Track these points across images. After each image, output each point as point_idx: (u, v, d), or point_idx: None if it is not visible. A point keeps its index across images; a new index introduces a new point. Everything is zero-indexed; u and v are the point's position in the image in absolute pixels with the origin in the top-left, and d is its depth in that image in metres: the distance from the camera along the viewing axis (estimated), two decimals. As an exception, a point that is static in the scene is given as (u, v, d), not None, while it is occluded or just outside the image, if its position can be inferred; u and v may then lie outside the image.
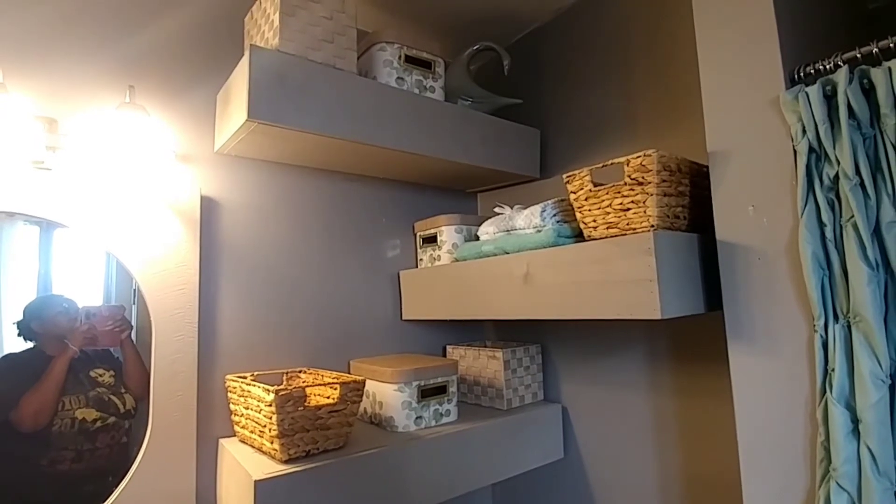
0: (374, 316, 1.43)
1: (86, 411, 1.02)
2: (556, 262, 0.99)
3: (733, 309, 0.84)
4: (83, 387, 1.04)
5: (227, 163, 1.22)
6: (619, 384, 1.26)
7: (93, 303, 1.08)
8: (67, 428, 1.00)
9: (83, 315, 1.05)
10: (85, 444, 1.01)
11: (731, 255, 0.84)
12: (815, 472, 0.75)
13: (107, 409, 1.04)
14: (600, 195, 0.95)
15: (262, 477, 0.89)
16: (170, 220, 1.10)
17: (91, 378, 1.05)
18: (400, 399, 1.15)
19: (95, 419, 1.02)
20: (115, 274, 1.10)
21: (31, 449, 0.98)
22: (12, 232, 1.03)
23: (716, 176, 0.87)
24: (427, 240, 1.46)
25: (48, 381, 0.99)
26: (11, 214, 0.99)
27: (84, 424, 1.01)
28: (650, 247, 0.83)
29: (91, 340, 1.05)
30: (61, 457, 0.99)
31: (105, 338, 1.07)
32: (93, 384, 1.05)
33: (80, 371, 1.04)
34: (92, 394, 1.04)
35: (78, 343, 1.03)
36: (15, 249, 1.03)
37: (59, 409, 1.00)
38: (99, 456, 1.01)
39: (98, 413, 1.03)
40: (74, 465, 1.00)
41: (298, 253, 1.31)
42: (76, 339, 1.04)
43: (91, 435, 1.02)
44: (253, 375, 1.15)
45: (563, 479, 1.38)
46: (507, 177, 1.49)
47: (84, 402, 1.02)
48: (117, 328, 1.08)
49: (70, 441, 1.00)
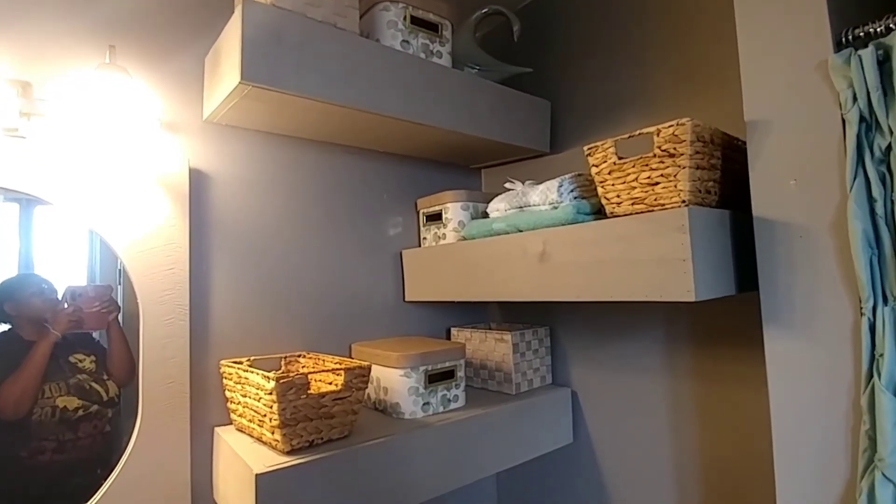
0: (375, 297, 1.36)
1: (67, 399, 0.96)
2: (577, 241, 0.93)
3: (770, 290, 0.78)
4: (63, 373, 0.97)
5: (217, 133, 1.13)
6: (632, 368, 1.22)
7: (76, 283, 1.00)
8: (48, 417, 0.93)
9: (68, 296, 0.98)
10: (66, 433, 0.95)
11: (770, 232, 0.79)
12: (857, 462, 0.70)
13: (89, 396, 0.97)
14: (626, 168, 0.88)
15: (263, 470, 0.83)
16: (156, 194, 1.01)
17: (71, 364, 0.98)
18: (406, 385, 1.09)
19: (77, 408, 0.96)
20: (100, 253, 1.02)
21: (10, 439, 0.92)
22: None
23: (754, 147, 0.81)
24: (431, 217, 1.39)
25: (29, 367, 0.93)
26: None
27: (65, 413, 0.95)
28: (684, 223, 0.77)
29: (76, 323, 0.98)
30: (42, 447, 0.93)
31: (91, 320, 1.00)
32: (73, 370, 0.98)
33: (59, 356, 0.97)
34: (72, 381, 0.97)
35: (62, 326, 0.96)
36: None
37: (39, 396, 0.93)
38: (81, 446, 0.95)
39: (80, 401, 0.97)
40: (56, 456, 0.94)
41: (295, 231, 1.23)
42: (60, 322, 0.96)
43: (73, 424, 0.95)
44: (249, 360, 1.08)
45: (573, 464, 1.34)
46: (515, 151, 1.41)
47: (65, 390, 0.96)
48: (104, 310, 1.01)
49: (50, 431, 0.94)
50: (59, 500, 0.93)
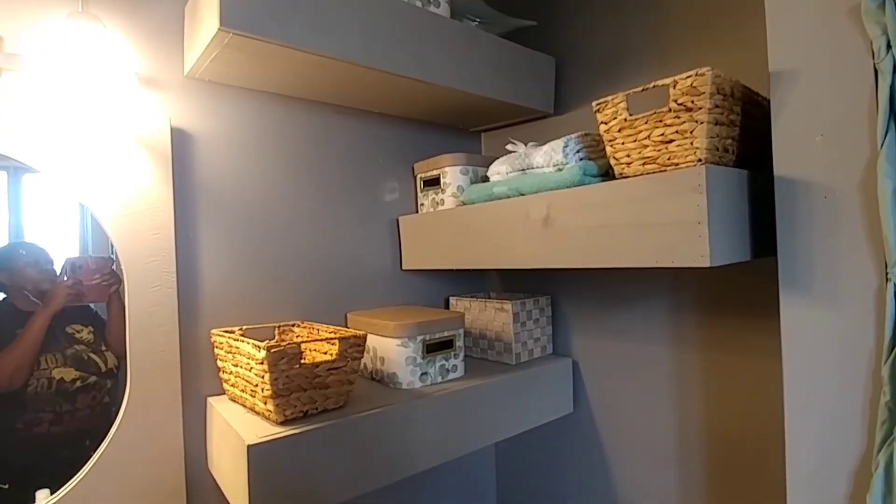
0: (370, 265, 1.32)
1: (64, 371, 0.93)
2: (584, 204, 0.87)
3: (789, 254, 0.74)
4: (59, 344, 0.94)
5: (199, 89, 1.05)
6: (636, 337, 1.18)
7: (69, 253, 0.97)
8: (44, 388, 0.91)
9: (68, 268, 0.95)
10: (64, 405, 0.93)
11: (791, 192, 0.73)
12: (874, 435, 0.67)
13: (87, 368, 0.95)
14: (637, 125, 0.82)
15: (255, 441, 0.80)
16: (137, 154, 0.95)
17: (68, 334, 0.96)
18: (403, 354, 1.05)
19: (74, 379, 0.94)
20: (91, 222, 0.98)
21: (6, 410, 0.90)
22: None
23: (778, 100, 0.75)
24: (428, 182, 1.33)
25: (25, 339, 0.90)
26: None
27: (62, 385, 0.93)
28: (700, 183, 0.71)
29: (76, 296, 0.95)
30: (38, 419, 0.91)
31: (91, 293, 0.97)
32: (70, 341, 0.95)
33: (56, 327, 0.94)
34: (70, 351, 0.95)
35: (61, 299, 0.94)
36: None
37: (35, 368, 0.91)
38: (80, 417, 0.93)
39: (77, 372, 0.94)
40: (53, 428, 0.92)
41: (286, 195, 1.17)
42: (59, 295, 0.94)
43: (70, 395, 0.93)
44: (241, 330, 1.05)
45: (572, 434, 1.33)
46: (517, 112, 1.34)
47: (62, 361, 0.93)
48: (105, 282, 0.98)
49: (47, 402, 0.92)
50: (55, 470, 0.90)
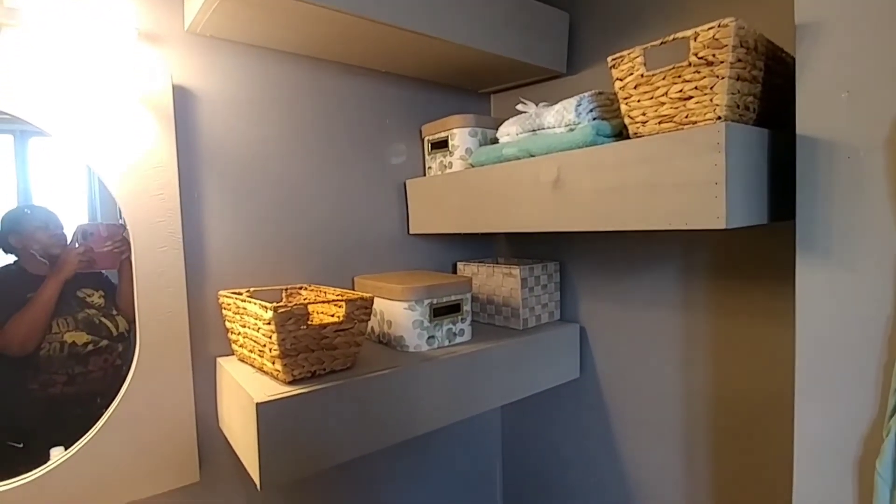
0: (378, 229, 1.31)
1: (75, 335, 0.95)
2: (595, 164, 0.85)
3: (808, 215, 0.71)
4: (71, 308, 0.95)
5: (202, 46, 1.02)
6: (645, 303, 1.17)
7: (78, 218, 0.97)
8: (56, 352, 0.93)
9: (79, 235, 0.95)
10: (77, 367, 0.94)
11: (813, 152, 0.70)
12: (888, 401, 0.66)
13: (98, 332, 0.96)
14: (654, 81, 0.78)
15: (264, 399, 0.81)
16: (138, 112, 0.93)
17: (79, 299, 0.96)
18: (411, 318, 1.05)
19: (86, 342, 0.95)
20: (99, 187, 0.97)
21: (19, 372, 0.91)
22: None
23: (803, 54, 0.71)
24: (436, 145, 1.30)
25: (37, 305, 0.91)
26: None
27: (74, 348, 0.94)
28: (719, 141, 0.69)
29: (88, 263, 0.96)
30: (52, 380, 0.93)
31: (103, 260, 0.97)
32: (81, 305, 0.96)
33: (67, 291, 0.95)
34: (81, 315, 0.96)
35: (73, 266, 0.94)
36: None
37: (47, 332, 0.92)
38: (93, 379, 0.95)
39: (89, 336, 0.96)
40: (66, 389, 0.94)
41: (292, 156, 1.15)
42: (71, 262, 0.94)
43: (83, 358, 0.95)
44: (249, 291, 1.04)
45: (577, 399, 1.34)
46: (528, 71, 1.30)
47: (73, 325, 0.94)
48: (117, 249, 0.97)
49: (60, 365, 0.93)
50: (68, 429, 0.92)
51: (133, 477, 0.94)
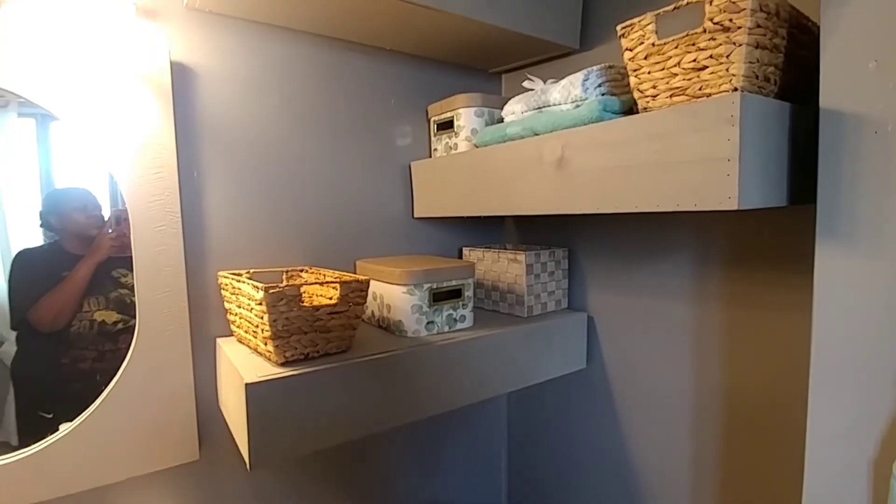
0: (382, 212, 1.28)
1: (105, 314, 0.97)
2: (601, 142, 0.80)
3: (830, 196, 0.66)
4: (104, 287, 0.97)
5: (201, 21, 1.01)
6: (656, 292, 1.12)
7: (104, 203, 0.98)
8: (86, 329, 0.95)
9: (113, 220, 0.97)
10: (107, 344, 0.97)
11: (838, 127, 0.64)
12: (911, 395, 0.61)
13: (129, 311, 0.97)
14: (666, 50, 0.73)
15: (254, 380, 0.80)
16: (136, 88, 0.92)
17: (113, 278, 0.98)
18: (409, 302, 1.03)
19: (116, 321, 0.97)
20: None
21: (51, 347, 0.95)
22: (6, 123, 0.91)
23: (828, 21, 0.64)
24: (442, 125, 1.26)
25: (69, 286, 0.94)
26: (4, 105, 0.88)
27: (104, 326, 0.97)
28: (734, 114, 0.63)
29: (121, 248, 0.97)
30: (82, 356, 0.96)
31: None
32: (115, 285, 0.98)
33: (102, 271, 0.97)
34: (113, 295, 0.98)
35: (106, 250, 0.97)
36: (12, 144, 0.92)
37: (78, 310, 0.95)
38: (122, 356, 0.95)
39: (119, 315, 0.98)
40: (96, 364, 0.96)
41: (294, 136, 1.13)
42: (104, 246, 0.97)
43: (113, 336, 0.97)
44: (249, 273, 1.04)
45: (584, 389, 1.30)
46: (540, 48, 1.24)
47: (104, 304, 0.97)
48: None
49: (90, 341, 0.96)
50: (94, 402, 0.93)
51: (133, 453, 0.95)
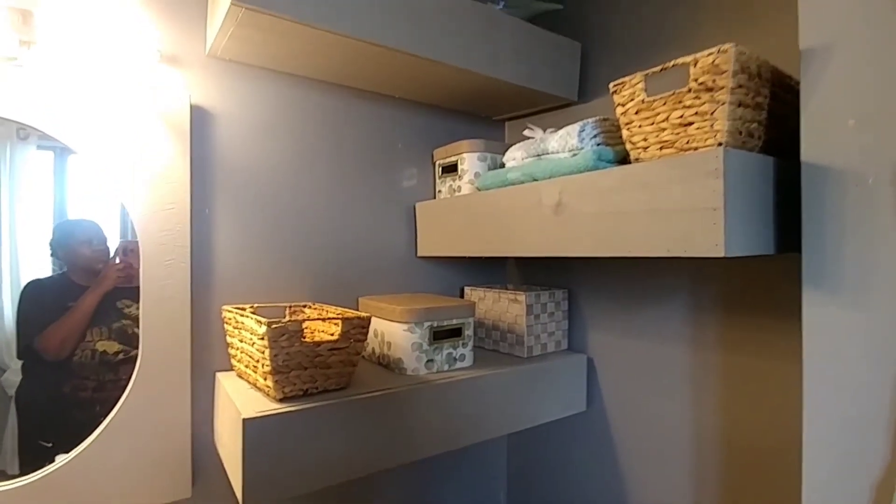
0: (386, 251, 1.31)
1: (107, 344, 0.99)
2: (595, 189, 0.84)
3: (815, 247, 0.68)
4: (109, 318, 1.00)
5: (220, 68, 1.07)
6: (654, 336, 1.13)
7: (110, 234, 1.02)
8: (88, 359, 0.97)
9: (120, 251, 1.00)
10: (108, 374, 0.98)
11: (820, 180, 0.68)
12: (902, 446, 0.61)
13: (130, 342, 0.99)
14: (655, 107, 0.78)
15: (251, 415, 0.80)
16: (156, 129, 0.97)
17: (118, 309, 1.01)
18: (410, 340, 1.04)
19: (117, 352, 0.99)
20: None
21: (54, 375, 0.96)
22: (25, 156, 0.96)
23: (808, 80, 0.69)
24: (447, 169, 1.31)
25: (75, 316, 0.97)
26: (25, 138, 0.94)
27: (105, 356, 0.98)
28: (717, 167, 0.67)
29: (126, 279, 1.00)
30: (83, 385, 0.97)
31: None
32: (119, 315, 1.00)
33: (107, 302, 1.00)
34: (116, 325, 1.00)
35: (111, 281, 0.99)
36: (30, 175, 0.97)
37: (81, 340, 0.97)
38: (122, 386, 0.97)
39: (120, 346, 0.99)
40: (96, 394, 0.97)
41: (303, 177, 1.18)
42: (110, 277, 1.00)
43: (114, 366, 0.99)
44: (252, 307, 1.06)
45: (585, 433, 1.29)
46: (541, 99, 1.31)
47: (106, 335, 0.99)
48: None
49: (91, 371, 0.98)
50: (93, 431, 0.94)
51: (125, 487, 0.94)
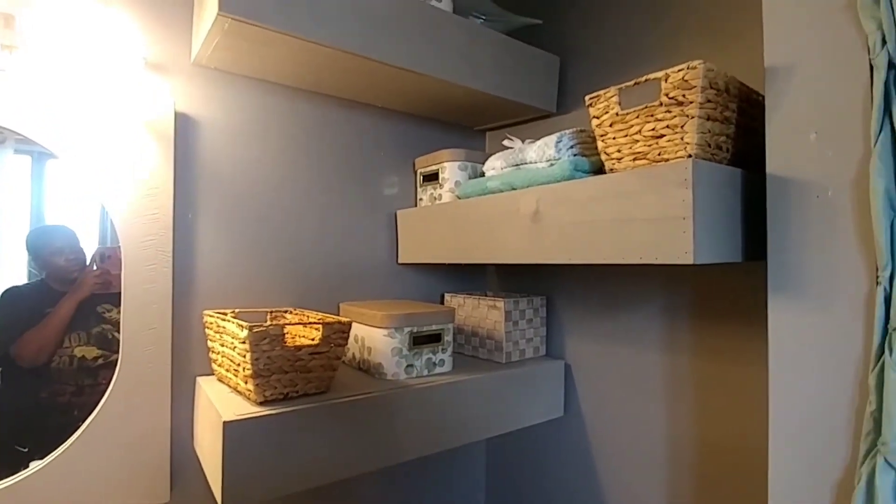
0: (367, 258, 1.32)
1: (86, 349, 0.98)
2: (571, 198, 0.86)
3: (779, 255, 0.71)
4: (88, 323, 0.99)
5: (205, 77, 1.08)
6: (630, 341, 1.16)
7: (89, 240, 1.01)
8: (66, 365, 0.96)
9: (97, 258, 0.99)
10: (86, 379, 0.97)
11: (784, 191, 0.71)
12: (859, 446, 0.64)
13: (109, 346, 0.98)
14: (628, 119, 0.81)
15: (232, 418, 0.81)
16: (140, 135, 0.98)
17: (98, 314, 1.00)
18: (390, 345, 1.05)
19: (96, 357, 0.98)
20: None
21: (31, 381, 0.95)
22: (2, 160, 0.95)
23: (772, 96, 0.73)
24: (428, 177, 1.33)
25: (52, 322, 0.95)
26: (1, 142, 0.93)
27: (84, 362, 0.97)
28: (687, 178, 0.70)
29: (104, 285, 0.99)
30: (62, 390, 0.96)
31: (119, 282, 0.99)
32: (99, 320, 0.99)
33: (87, 307, 0.99)
34: (96, 330, 0.99)
35: (89, 287, 0.98)
36: (6, 180, 0.95)
37: (59, 346, 0.96)
38: (101, 391, 0.96)
39: (99, 351, 0.98)
40: (74, 399, 0.96)
41: (286, 184, 1.19)
42: (87, 284, 0.98)
43: (93, 371, 0.98)
44: (234, 312, 1.06)
45: (562, 437, 1.31)
46: (520, 110, 1.34)
47: (85, 340, 0.98)
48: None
49: (70, 377, 0.96)
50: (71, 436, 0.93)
51: (101, 492, 0.93)
